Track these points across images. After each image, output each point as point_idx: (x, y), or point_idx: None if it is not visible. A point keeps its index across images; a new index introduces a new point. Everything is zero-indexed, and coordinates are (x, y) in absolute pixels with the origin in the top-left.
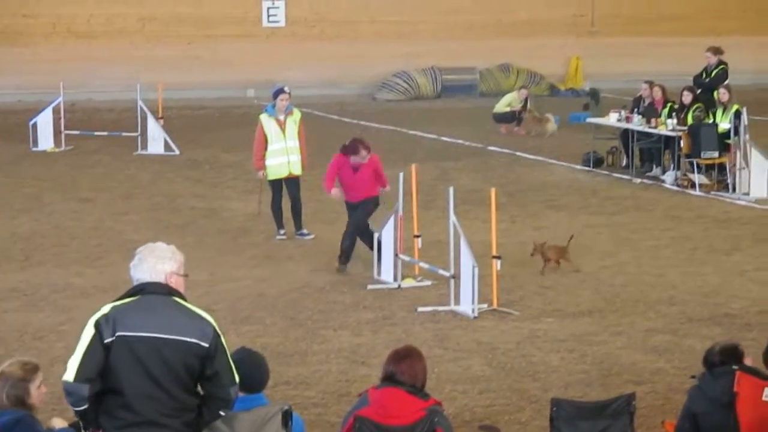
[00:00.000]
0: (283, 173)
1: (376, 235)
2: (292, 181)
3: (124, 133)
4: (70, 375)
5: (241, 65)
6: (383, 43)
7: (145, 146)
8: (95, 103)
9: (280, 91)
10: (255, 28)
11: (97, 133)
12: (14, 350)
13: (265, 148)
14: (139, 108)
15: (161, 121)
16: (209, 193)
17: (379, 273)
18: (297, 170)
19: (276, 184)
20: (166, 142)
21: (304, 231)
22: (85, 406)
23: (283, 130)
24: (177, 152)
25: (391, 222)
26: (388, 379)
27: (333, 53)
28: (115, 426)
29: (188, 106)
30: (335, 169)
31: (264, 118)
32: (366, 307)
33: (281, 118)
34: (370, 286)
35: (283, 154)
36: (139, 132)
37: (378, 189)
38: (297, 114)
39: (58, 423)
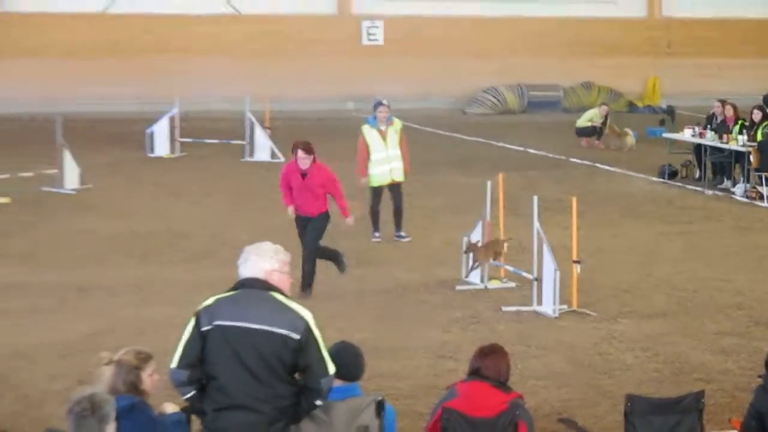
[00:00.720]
0: (385, 181)
1: (463, 239)
2: (395, 187)
3: (233, 141)
4: (173, 362)
5: (342, 80)
6: (474, 60)
7: (252, 154)
8: (207, 113)
9: (380, 103)
10: (355, 46)
11: (208, 141)
12: (130, 340)
13: (368, 158)
14: (247, 118)
15: (268, 131)
16: None
17: (467, 275)
18: (399, 177)
19: (377, 190)
20: (271, 150)
21: (402, 233)
22: (192, 393)
23: (384, 139)
24: (282, 159)
25: (479, 227)
26: (475, 373)
27: (427, 70)
28: (212, 408)
29: (293, 117)
30: (284, 178)
31: (366, 129)
32: (454, 307)
33: (383, 128)
34: (458, 287)
35: (385, 162)
36: (247, 140)
37: (326, 204)
38: (398, 124)
39: (170, 408)
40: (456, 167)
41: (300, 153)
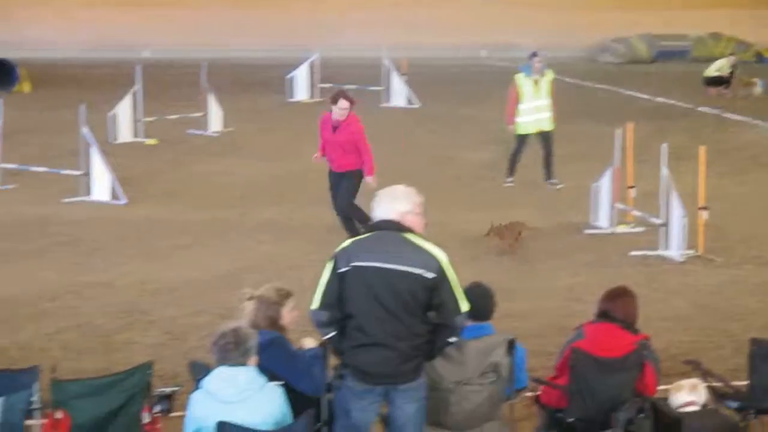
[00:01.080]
0: (533, 129)
1: (593, 185)
2: (544, 136)
3: (371, 87)
4: (314, 303)
5: (476, 30)
6: (605, 11)
7: (388, 99)
8: (346, 60)
9: (535, 54)
10: None
11: (346, 87)
12: (270, 277)
13: (517, 105)
14: (384, 65)
15: (404, 77)
16: (445, 143)
17: (595, 219)
18: (547, 126)
19: (523, 138)
20: (408, 96)
21: (554, 180)
22: (333, 333)
23: (537, 89)
24: (417, 105)
25: (608, 174)
26: (603, 315)
27: (559, 19)
28: (351, 345)
29: (429, 65)
30: (320, 128)
31: (520, 77)
32: (583, 250)
33: (536, 77)
34: (587, 231)
35: (534, 111)
36: (384, 86)
37: (360, 160)
38: (550, 74)
39: (309, 342)
40: (586, 115)
41: (342, 102)
